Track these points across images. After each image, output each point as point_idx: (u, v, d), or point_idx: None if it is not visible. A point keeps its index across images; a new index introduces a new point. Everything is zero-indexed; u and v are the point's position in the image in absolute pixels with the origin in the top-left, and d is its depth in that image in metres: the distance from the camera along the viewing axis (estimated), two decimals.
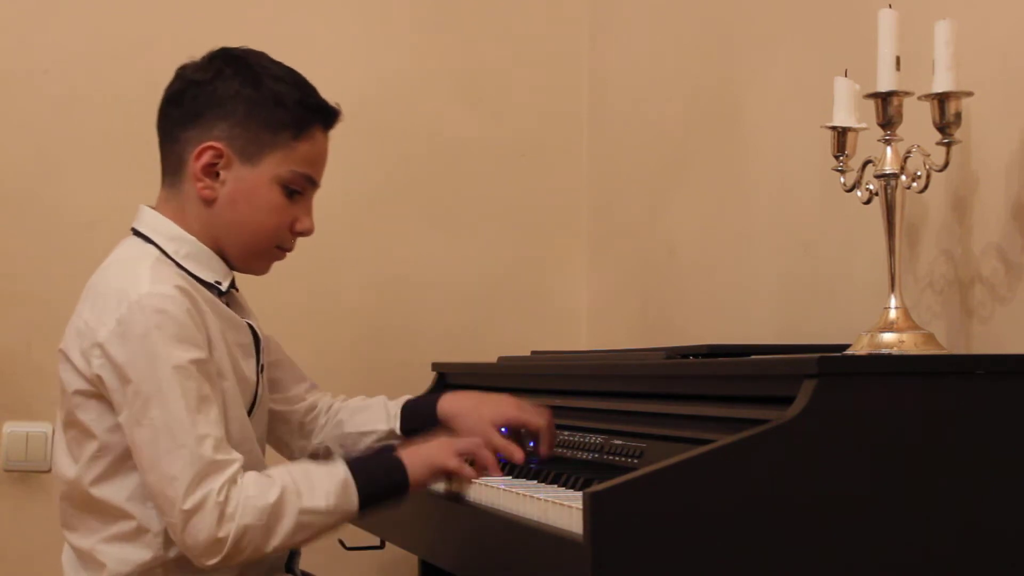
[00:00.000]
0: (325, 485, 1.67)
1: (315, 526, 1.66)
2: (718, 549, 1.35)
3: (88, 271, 1.80)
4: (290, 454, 2.05)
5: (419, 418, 1.99)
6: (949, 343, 1.88)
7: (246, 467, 1.66)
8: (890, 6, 1.80)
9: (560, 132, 3.19)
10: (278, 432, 2.03)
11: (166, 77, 1.86)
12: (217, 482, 1.61)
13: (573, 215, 3.18)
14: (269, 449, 1.97)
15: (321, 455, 2.02)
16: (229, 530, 1.60)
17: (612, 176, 3.08)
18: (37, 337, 2.76)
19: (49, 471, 2.77)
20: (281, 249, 1.86)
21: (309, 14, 3.02)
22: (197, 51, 1.86)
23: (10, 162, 2.82)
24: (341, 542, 2.38)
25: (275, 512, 1.62)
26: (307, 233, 1.85)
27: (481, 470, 1.78)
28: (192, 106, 1.79)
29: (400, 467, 1.72)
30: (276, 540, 1.63)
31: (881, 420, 1.42)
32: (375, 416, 2.03)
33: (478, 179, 3.12)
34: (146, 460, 1.64)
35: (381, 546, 2.37)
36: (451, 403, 1.98)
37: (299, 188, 1.82)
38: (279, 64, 1.84)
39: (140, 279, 1.68)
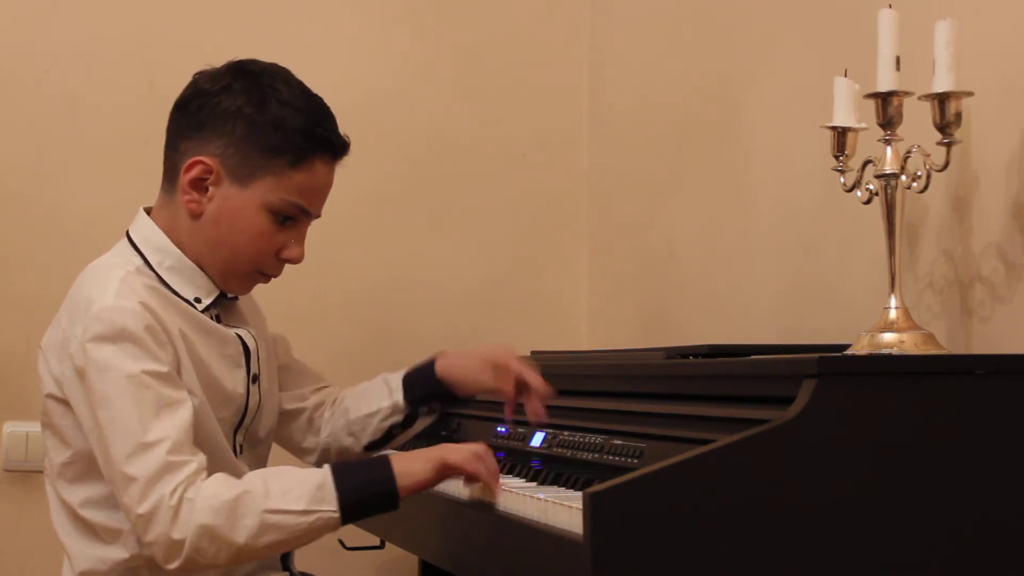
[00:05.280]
0: (298, 487, 1.62)
1: (286, 527, 1.60)
2: (718, 549, 1.35)
3: None
4: (300, 452, 2.02)
5: (420, 386, 1.95)
6: (949, 343, 1.88)
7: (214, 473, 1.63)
8: (890, 6, 1.80)
9: (560, 132, 3.18)
10: (287, 431, 2.01)
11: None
12: (170, 484, 1.58)
13: (573, 215, 3.18)
14: (275, 448, 1.97)
15: (332, 454, 2.00)
16: (186, 532, 1.57)
17: (612, 176, 3.08)
18: (37, 337, 2.71)
19: None
20: (263, 274, 1.82)
21: (309, 14, 3.01)
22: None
23: (10, 162, 2.82)
24: (341, 542, 2.38)
25: (234, 511, 1.58)
26: (294, 262, 1.81)
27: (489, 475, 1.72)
28: (196, 116, 1.77)
29: (385, 464, 1.66)
30: (241, 540, 1.58)
31: (881, 420, 1.42)
32: (377, 394, 1.98)
33: (478, 179, 3.12)
34: (103, 466, 1.65)
35: (381, 546, 2.37)
36: (448, 367, 1.94)
37: (291, 215, 1.78)
38: (296, 86, 1.79)
39: (107, 291, 1.68)
